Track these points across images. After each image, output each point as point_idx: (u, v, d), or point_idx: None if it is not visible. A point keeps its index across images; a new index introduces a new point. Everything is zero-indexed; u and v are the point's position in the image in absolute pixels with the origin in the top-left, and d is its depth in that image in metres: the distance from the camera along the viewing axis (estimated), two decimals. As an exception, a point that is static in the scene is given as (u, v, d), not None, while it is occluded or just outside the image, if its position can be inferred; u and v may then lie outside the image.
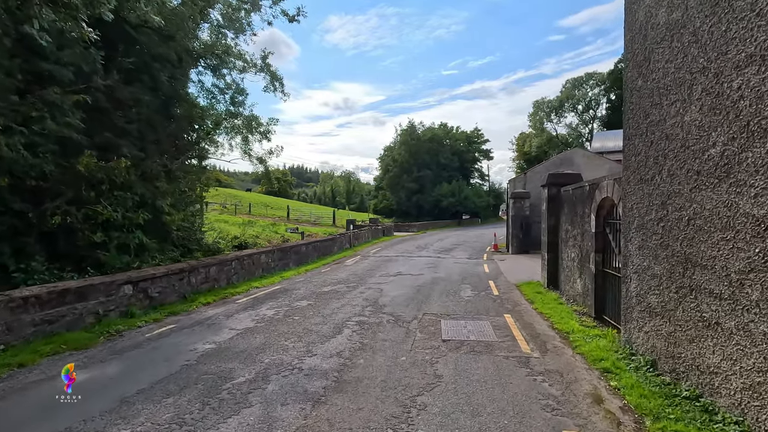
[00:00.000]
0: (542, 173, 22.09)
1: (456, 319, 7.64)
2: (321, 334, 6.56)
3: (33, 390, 4.50)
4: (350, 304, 8.92)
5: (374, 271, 14.49)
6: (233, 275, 11.58)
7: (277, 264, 14.46)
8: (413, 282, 12.06)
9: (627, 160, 5.64)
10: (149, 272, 8.31)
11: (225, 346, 5.98)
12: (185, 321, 7.60)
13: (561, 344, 6.20)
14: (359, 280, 12.59)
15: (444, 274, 13.84)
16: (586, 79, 71.48)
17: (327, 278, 13.02)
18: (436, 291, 10.63)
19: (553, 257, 10.92)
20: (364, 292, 10.42)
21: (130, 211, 10.62)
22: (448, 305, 8.91)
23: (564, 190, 10.33)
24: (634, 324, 5.43)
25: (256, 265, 13.02)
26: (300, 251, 16.58)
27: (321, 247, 19.10)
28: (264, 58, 18.80)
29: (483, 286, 11.46)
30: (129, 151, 10.95)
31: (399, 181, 57.28)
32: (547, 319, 7.78)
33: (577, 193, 9.14)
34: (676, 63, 4.48)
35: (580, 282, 8.82)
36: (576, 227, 9.17)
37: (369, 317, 7.77)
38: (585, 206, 8.51)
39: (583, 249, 8.65)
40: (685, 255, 4.31)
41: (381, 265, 16.38)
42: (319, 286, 11.57)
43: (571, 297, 9.41)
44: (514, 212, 20.97)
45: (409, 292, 10.39)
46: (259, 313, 8.13)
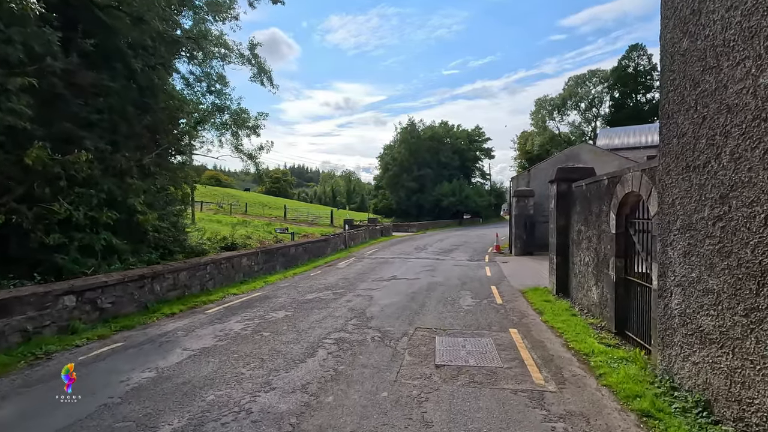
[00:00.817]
0: (547, 170, 20.93)
1: (453, 336, 6.50)
2: (289, 357, 5.44)
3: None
4: (333, 316, 7.79)
5: (367, 275, 13.37)
6: (208, 281, 10.47)
7: (261, 267, 13.36)
8: (408, 288, 10.93)
9: (666, 144, 4.50)
10: (99, 280, 7.20)
11: (167, 374, 4.86)
12: (136, 338, 6.49)
13: (581, 371, 5.06)
14: (349, 285, 11.46)
15: (442, 278, 12.70)
16: (589, 77, 70.28)
17: (314, 283, 11.90)
18: (432, 299, 9.49)
19: (563, 261, 9.78)
20: (351, 300, 9.29)
21: (94, 209, 9.54)
22: (445, 317, 7.78)
23: (576, 185, 9.19)
24: (676, 350, 4.30)
25: (237, 269, 11.91)
26: (288, 253, 15.46)
27: (312, 248, 17.98)
28: (252, 48, 17.71)
29: (485, 293, 10.32)
30: (94, 143, 9.85)
31: (399, 180, 56.10)
32: (560, 335, 6.64)
33: (592, 189, 8.00)
34: (744, 8, 3.34)
35: (595, 290, 7.69)
36: (591, 228, 8.03)
37: (351, 333, 6.64)
38: (602, 203, 7.37)
39: (599, 252, 7.52)
40: (760, 266, 3.17)
41: (375, 267, 15.25)
42: (304, 292, 10.45)
43: (584, 307, 8.27)
44: (517, 211, 19.82)
45: (402, 301, 9.26)
46: (226, 328, 7.01)
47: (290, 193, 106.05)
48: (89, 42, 9.64)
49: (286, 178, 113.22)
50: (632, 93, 63.93)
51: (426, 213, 53.95)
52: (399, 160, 56.88)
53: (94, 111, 10.34)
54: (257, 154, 21.03)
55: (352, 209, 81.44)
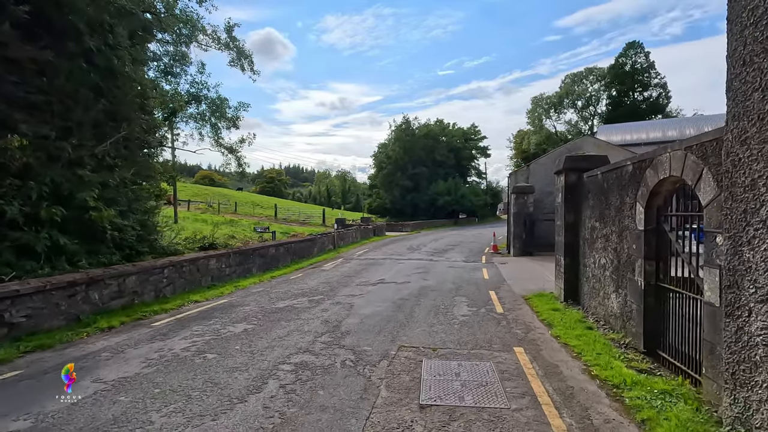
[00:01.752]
0: (548, 165, 19.72)
1: (445, 358, 5.20)
2: (226, 394, 4.11)
3: None
4: (301, 331, 6.46)
5: (352, 278, 12.05)
6: (165, 286, 9.10)
7: (234, 270, 12.00)
8: (396, 294, 9.61)
9: (738, 103, 3.22)
10: (10, 288, 5.82)
11: (45, 425, 3.51)
12: (43, 363, 5.12)
13: (615, 414, 3.76)
14: (330, 290, 10.13)
15: (435, 281, 11.41)
16: (585, 75, 69.38)
17: (291, 288, 10.56)
18: (422, 307, 8.19)
19: (572, 263, 8.52)
20: (328, 310, 7.96)
21: (33, 204, 8.19)
22: (437, 331, 6.47)
23: (588, 176, 7.92)
24: (759, 394, 3.01)
25: (204, 273, 10.55)
26: (267, 254, 14.10)
27: (296, 249, 16.63)
28: (228, 30, 16.32)
29: (482, 299, 9.04)
30: (34, 129, 8.49)
31: (393, 178, 54.75)
32: (578, 356, 5.35)
33: (610, 178, 6.73)
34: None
35: (615, 298, 6.42)
36: (608, 224, 6.77)
37: (318, 355, 5.31)
38: (625, 194, 6.10)
39: (620, 253, 6.25)
40: None
41: (363, 270, 13.94)
42: (276, 299, 9.11)
43: (601, 317, 7.01)
44: (516, 209, 18.57)
45: (388, 310, 7.94)
46: (165, 348, 5.66)
47: (285, 192, 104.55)
48: (23, 9, 8.25)
49: (280, 177, 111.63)
50: (629, 91, 63.09)
51: (421, 212, 52.69)
52: (393, 158, 55.53)
53: (36, 91, 8.95)
54: (238, 148, 19.65)
55: (347, 209, 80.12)
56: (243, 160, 20.25)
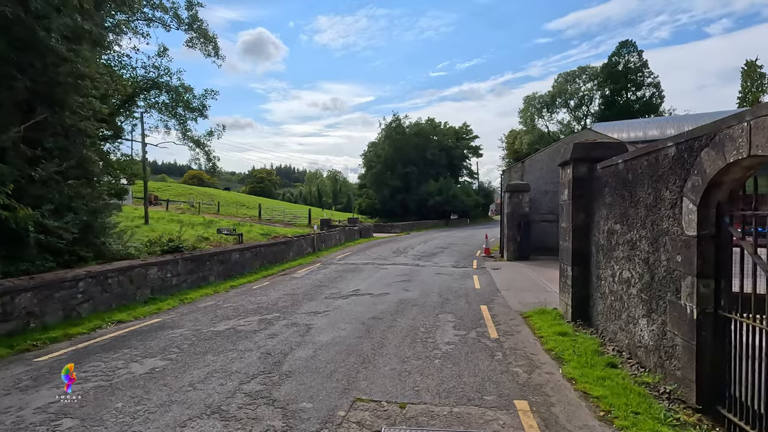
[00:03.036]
0: (545, 162, 18.23)
1: (416, 426, 3.55)
2: None
3: None
4: (226, 372, 4.76)
5: (322, 289, 10.36)
6: (80, 304, 7.32)
7: (185, 279, 10.23)
8: (368, 310, 7.96)
9: None
10: None
11: None
12: None
13: None
14: (290, 305, 8.44)
15: (418, 293, 9.77)
16: (578, 74, 68.55)
17: (247, 302, 8.86)
18: (397, 330, 6.54)
19: (582, 274, 6.94)
20: (277, 335, 6.27)
21: None
22: (410, 371, 4.82)
23: (604, 166, 6.34)
24: None
25: (139, 284, 8.78)
26: (229, 260, 12.35)
27: (267, 253, 14.88)
28: (189, 7, 14.53)
29: (472, 317, 7.42)
30: None
31: (383, 178, 53.01)
32: (608, 419, 3.73)
33: (639, 167, 5.15)
34: None
35: (647, 325, 4.84)
36: (635, 226, 5.19)
37: (230, 420, 3.62)
38: (663, 187, 4.52)
39: (654, 266, 4.67)
40: None
41: (338, 277, 12.26)
42: (221, 318, 7.40)
43: (624, 347, 5.42)
44: (510, 209, 17.03)
45: (352, 335, 6.28)
46: (17, 405, 3.93)
47: (275, 193, 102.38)
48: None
49: (270, 177, 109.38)
50: (622, 90, 62.30)
51: (412, 213, 51.09)
52: (383, 157, 53.83)
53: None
54: (206, 141, 17.85)
55: (338, 209, 78.33)
56: (213, 154, 18.46)
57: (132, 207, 34.60)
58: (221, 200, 55.23)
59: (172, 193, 61.34)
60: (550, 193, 17.63)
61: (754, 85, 48.51)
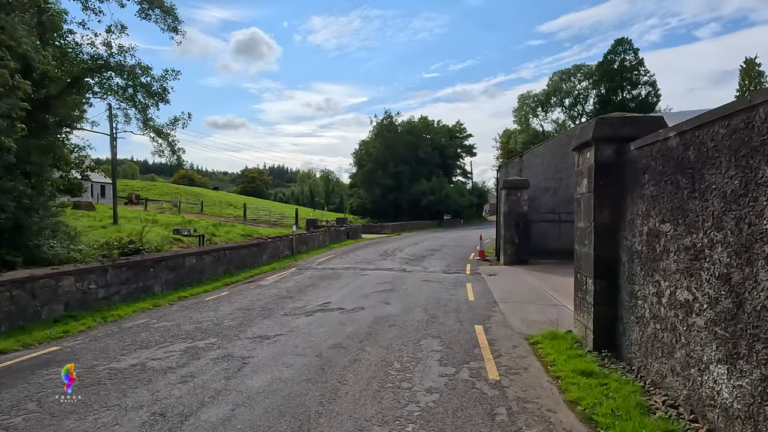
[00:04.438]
0: (545, 157, 16.60)
1: None
2: None
3: None
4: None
5: (286, 301, 8.62)
6: (-55, 329, 5.50)
7: (116, 291, 8.41)
8: (332, 334, 6.22)
9: None
10: None
11: None
12: None
13: None
14: (236, 326, 6.68)
15: (399, 307, 8.06)
16: (573, 72, 67.38)
17: (186, 320, 7.09)
18: (363, 368, 4.81)
19: (608, 290, 5.27)
20: (195, 376, 4.52)
21: None
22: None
23: (641, 146, 4.67)
24: None
25: (45, 299, 6.94)
26: (183, 265, 10.53)
27: (234, 257, 13.07)
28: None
29: (465, 345, 5.72)
30: None
31: (374, 177, 51.24)
32: None
33: (710, 140, 3.47)
34: None
35: (728, 378, 3.16)
36: (702, 227, 3.52)
37: None
38: (760, 168, 2.84)
39: (743, 288, 2.99)
40: None
41: (310, 286, 10.52)
42: (137, 346, 5.63)
43: (682, 400, 3.75)
44: (507, 208, 15.39)
45: (297, 378, 4.53)
46: None
47: (267, 193, 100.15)
48: None
49: (262, 177, 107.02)
50: (618, 89, 61.20)
51: (404, 213, 49.41)
52: (374, 155, 52.07)
53: None
54: (169, 130, 15.95)
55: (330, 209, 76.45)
56: (177, 146, 16.56)
57: (108, 206, 32.55)
58: (208, 200, 53.13)
59: (157, 192, 59.03)
60: (551, 190, 16.03)
61: (753, 83, 47.60)
